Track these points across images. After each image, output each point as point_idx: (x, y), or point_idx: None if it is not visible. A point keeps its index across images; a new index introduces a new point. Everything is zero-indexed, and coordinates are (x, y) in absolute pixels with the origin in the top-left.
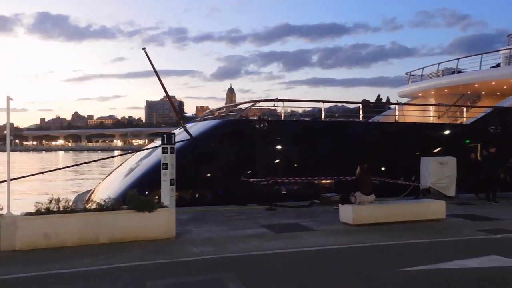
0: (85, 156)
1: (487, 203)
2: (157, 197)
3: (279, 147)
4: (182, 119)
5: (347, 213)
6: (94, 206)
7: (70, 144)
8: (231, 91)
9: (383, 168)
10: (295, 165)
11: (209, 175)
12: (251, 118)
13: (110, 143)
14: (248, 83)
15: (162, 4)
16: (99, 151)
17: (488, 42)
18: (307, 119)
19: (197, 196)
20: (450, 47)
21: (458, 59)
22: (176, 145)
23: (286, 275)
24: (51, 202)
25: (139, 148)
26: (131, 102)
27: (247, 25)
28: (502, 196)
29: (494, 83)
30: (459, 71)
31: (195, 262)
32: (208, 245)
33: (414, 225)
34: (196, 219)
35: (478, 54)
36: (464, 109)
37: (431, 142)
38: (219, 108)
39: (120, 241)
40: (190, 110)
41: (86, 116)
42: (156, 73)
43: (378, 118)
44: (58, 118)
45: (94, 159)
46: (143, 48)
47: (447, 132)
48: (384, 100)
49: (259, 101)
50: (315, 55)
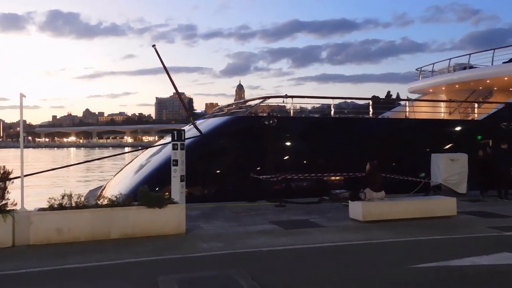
0: (97, 153)
1: (498, 200)
2: (167, 193)
3: (288, 144)
4: (191, 115)
5: (357, 209)
6: (105, 202)
7: (81, 140)
8: (240, 88)
9: (393, 165)
10: (305, 161)
11: (218, 171)
12: (261, 114)
13: (121, 139)
14: (258, 79)
15: (172, 1)
16: (110, 147)
17: (500, 37)
18: (316, 115)
19: (206, 192)
20: (461, 43)
21: (470, 54)
22: (186, 141)
23: (295, 271)
24: (63, 198)
25: (149, 145)
26: (141, 99)
27: (256, 21)
28: None
29: (506, 78)
30: (471, 67)
31: (205, 257)
32: (218, 241)
33: (425, 222)
34: (206, 215)
35: (490, 49)
36: (476, 105)
37: (442, 138)
38: (229, 105)
39: (131, 236)
40: (199, 107)
41: (97, 113)
42: (166, 70)
43: (388, 115)
44: (70, 115)
45: (106, 156)
46: (153, 45)
47: (458, 128)
48: (394, 96)
49: (269, 97)
50: (324, 51)
